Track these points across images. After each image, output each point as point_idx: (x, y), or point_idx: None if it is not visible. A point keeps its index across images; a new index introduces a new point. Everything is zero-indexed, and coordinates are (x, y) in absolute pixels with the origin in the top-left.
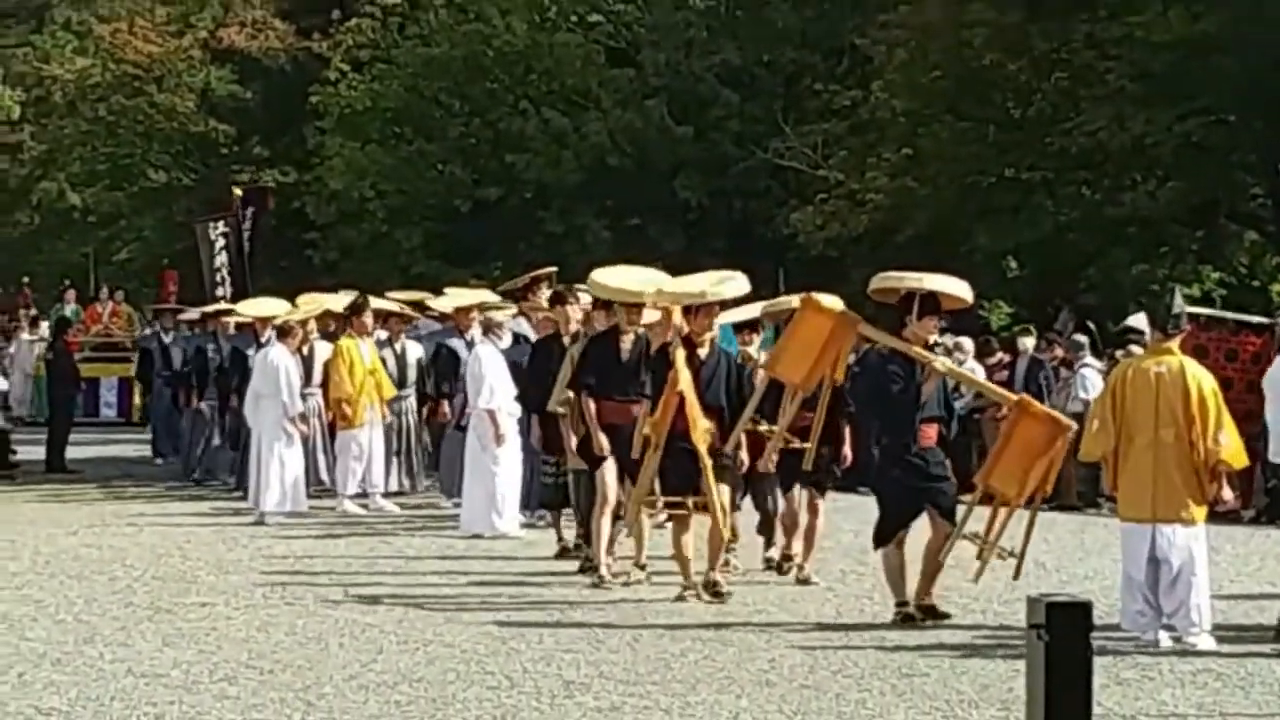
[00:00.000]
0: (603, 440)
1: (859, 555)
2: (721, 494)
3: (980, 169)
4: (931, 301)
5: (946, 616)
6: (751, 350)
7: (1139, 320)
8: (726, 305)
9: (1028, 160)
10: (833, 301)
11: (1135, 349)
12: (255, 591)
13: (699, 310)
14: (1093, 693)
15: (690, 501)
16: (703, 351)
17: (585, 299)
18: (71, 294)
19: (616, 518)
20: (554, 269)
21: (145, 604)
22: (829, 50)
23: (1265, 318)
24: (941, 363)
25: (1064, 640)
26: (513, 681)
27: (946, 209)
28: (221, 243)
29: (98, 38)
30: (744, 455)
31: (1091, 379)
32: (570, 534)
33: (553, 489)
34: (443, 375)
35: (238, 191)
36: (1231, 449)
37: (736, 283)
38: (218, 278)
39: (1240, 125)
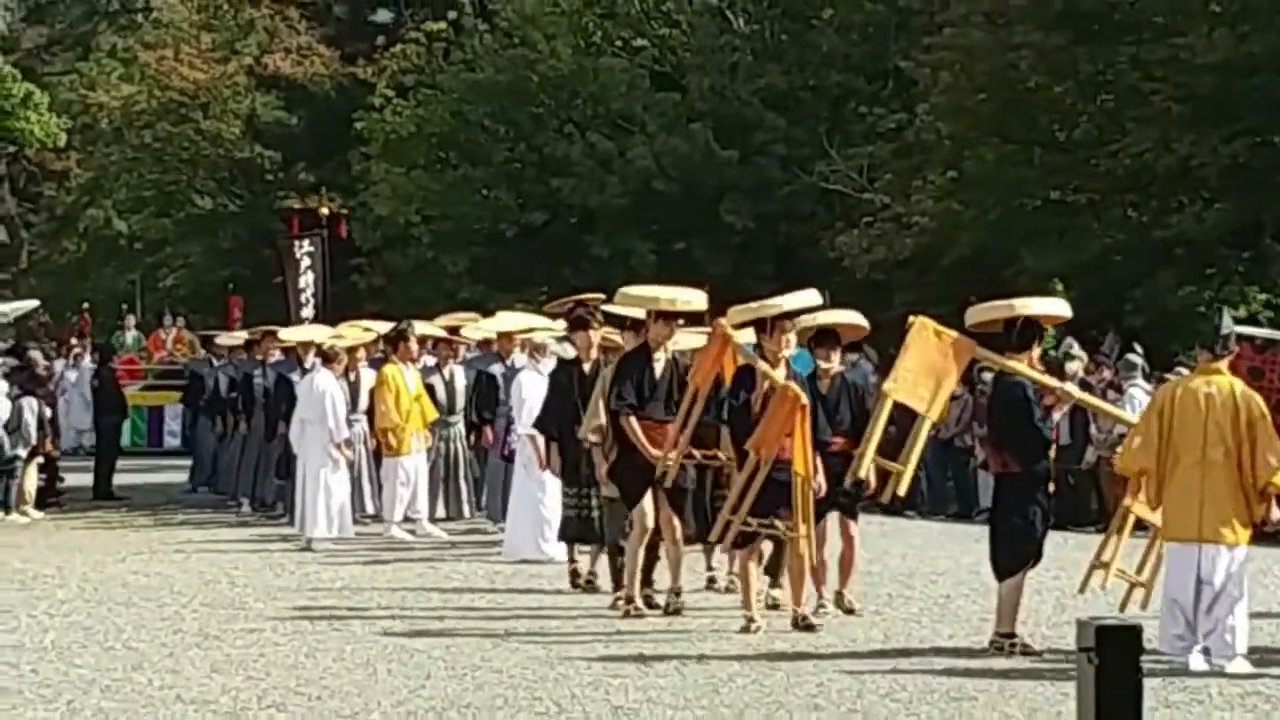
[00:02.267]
0: (657, 454)
1: (905, 579)
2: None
3: (1026, 191)
4: (1036, 326)
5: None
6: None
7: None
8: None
9: (1073, 183)
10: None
11: (1183, 370)
12: (303, 618)
13: (773, 327)
14: (1143, 716)
15: (782, 527)
16: (780, 372)
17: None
18: (131, 320)
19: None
20: (601, 295)
21: (193, 631)
22: (873, 73)
23: None
24: (1072, 389)
25: (1114, 663)
26: (561, 708)
27: (992, 232)
28: (307, 262)
29: (143, 65)
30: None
31: (1140, 400)
32: (585, 563)
33: (575, 521)
34: (484, 401)
35: (324, 210)
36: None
37: (807, 294)
38: (303, 298)
39: None
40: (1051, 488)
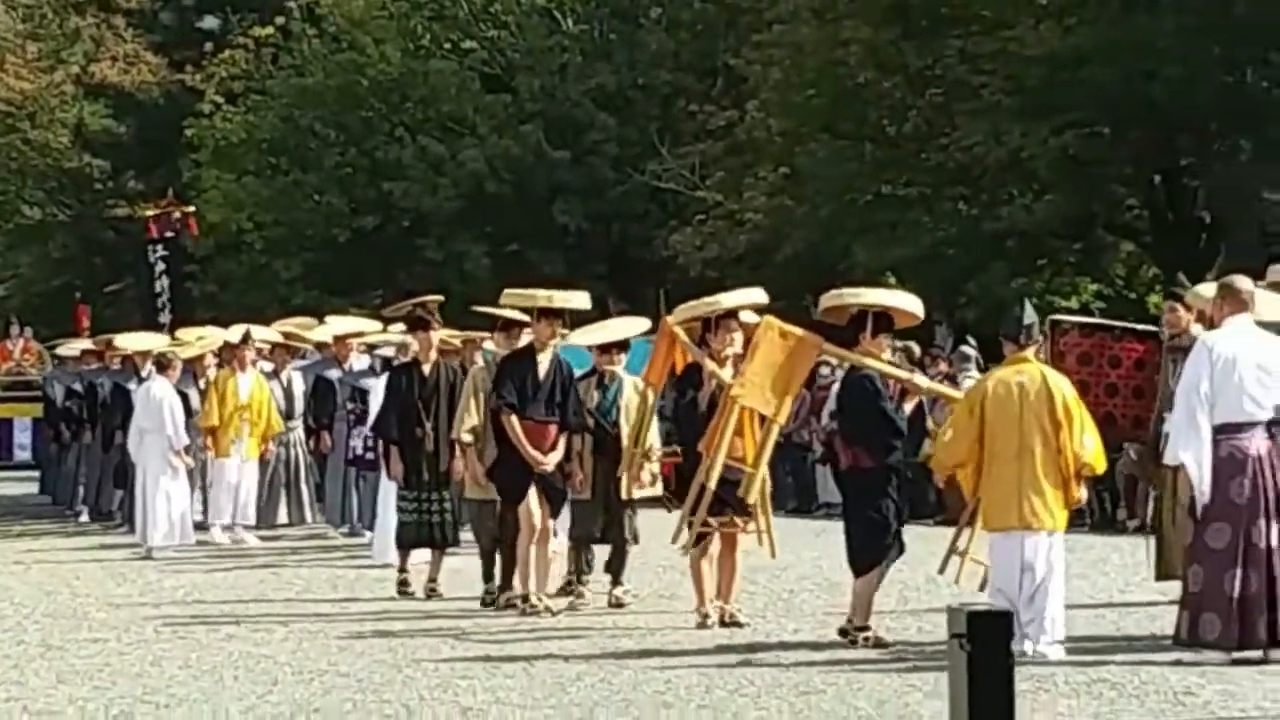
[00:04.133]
0: (538, 456)
1: (749, 575)
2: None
3: (857, 186)
4: (885, 319)
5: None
6: (619, 370)
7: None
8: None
9: (904, 177)
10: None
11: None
12: (146, 626)
13: (718, 325)
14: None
15: (740, 523)
16: (727, 371)
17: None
18: None
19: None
20: (439, 297)
21: (36, 641)
22: (703, 71)
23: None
24: (922, 380)
25: (986, 649)
26: (410, 710)
27: (825, 227)
28: (161, 266)
29: None
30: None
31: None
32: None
33: (413, 526)
34: (321, 406)
35: (190, 209)
36: (1094, 452)
37: (753, 293)
38: (159, 303)
39: (1115, 137)
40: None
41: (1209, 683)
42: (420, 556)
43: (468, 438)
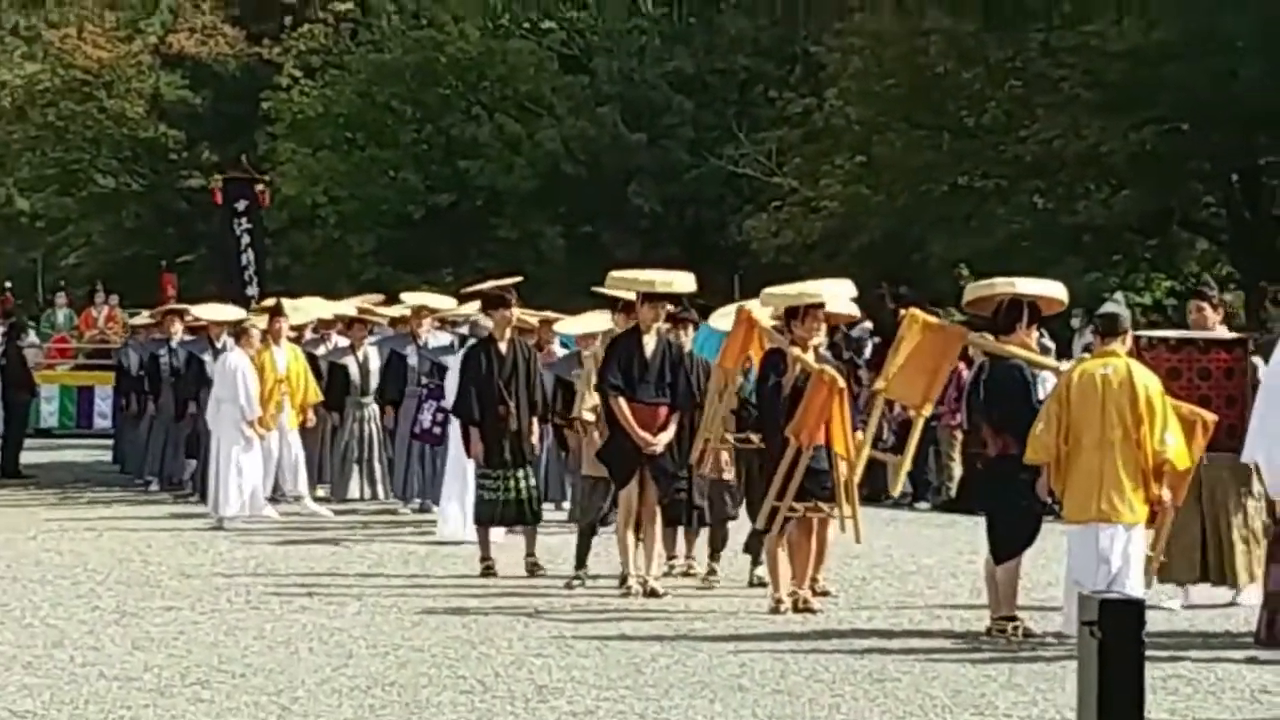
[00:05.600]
0: (647, 437)
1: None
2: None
3: (934, 177)
4: (1034, 308)
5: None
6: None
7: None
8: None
9: (981, 168)
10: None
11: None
12: (219, 596)
13: (805, 313)
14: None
15: (827, 509)
16: (810, 356)
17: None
18: (63, 297)
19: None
20: (518, 278)
21: (111, 608)
22: (782, 58)
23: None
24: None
25: (1118, 637)
26: (485, 686)
27: (900, 216)
28: (246, 239)
29: (47, 43)
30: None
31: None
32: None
33: (498, 505)
34: (393, 382)
35: (260, 185)
36: (1177, 449)
37: (843, 285)
38: (246, 275)
39: (1194, 134)
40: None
41: None
42: (495, 536)
43: (589, 416)
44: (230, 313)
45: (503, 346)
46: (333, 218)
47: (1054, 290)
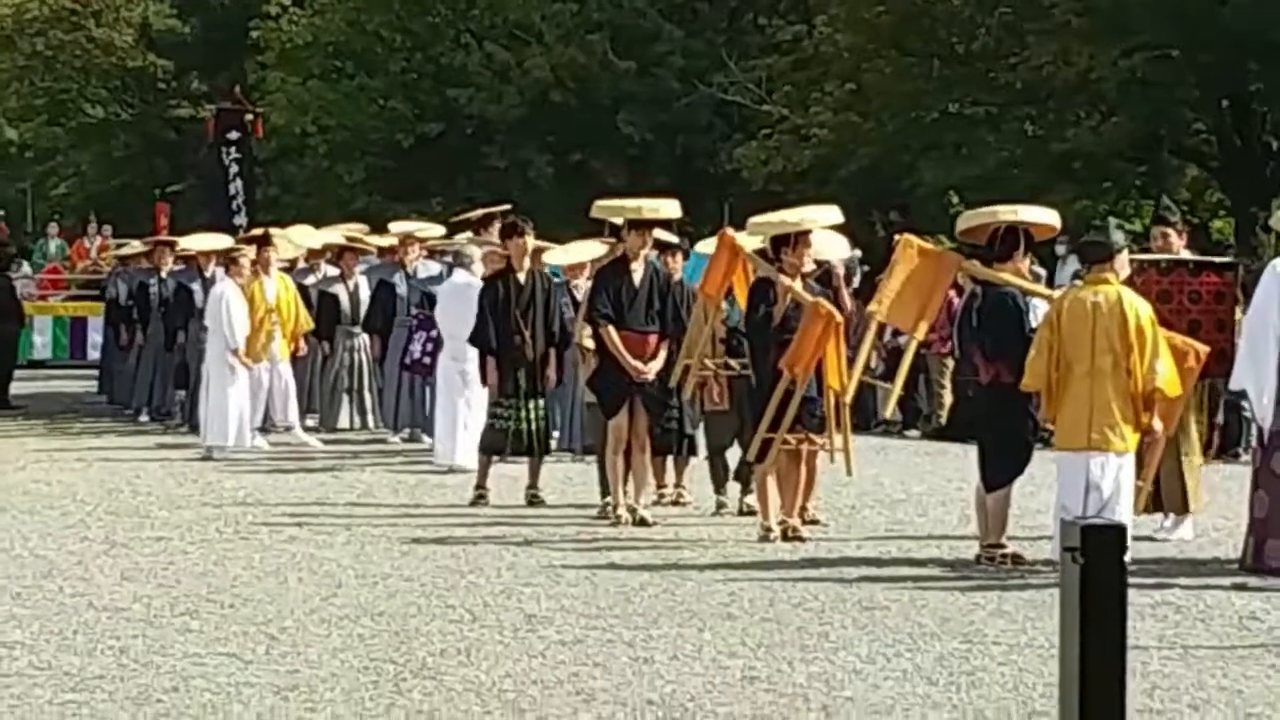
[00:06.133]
0: (638, 365)
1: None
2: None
3: (924, 104)
4: (1028, 235)
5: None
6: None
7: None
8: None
9: (971, 95)
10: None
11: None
12: (209, 526)
13: (797, 240)
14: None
15: (815, 439)
16: (798, 284)
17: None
18: (54, 228)
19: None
20: (507, 206)
21: (100, 539)
22: None
23: (1222, 257)
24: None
25: (1099, 563)
26: (474, 615)
27: (890, 144)
28: (235, 169)
29: None
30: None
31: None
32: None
33: (505, 434)
34: (382, 311)
35: (251, 116)
36: (1167, 377)
37: (830, 212)
38: (234, 205)
39: (1184, 60)
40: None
41: (1273, 608)
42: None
43: (590, 343)
44: (218, 242)
45: (521, 277)
46: (322, 147)
47: (1047, 216)
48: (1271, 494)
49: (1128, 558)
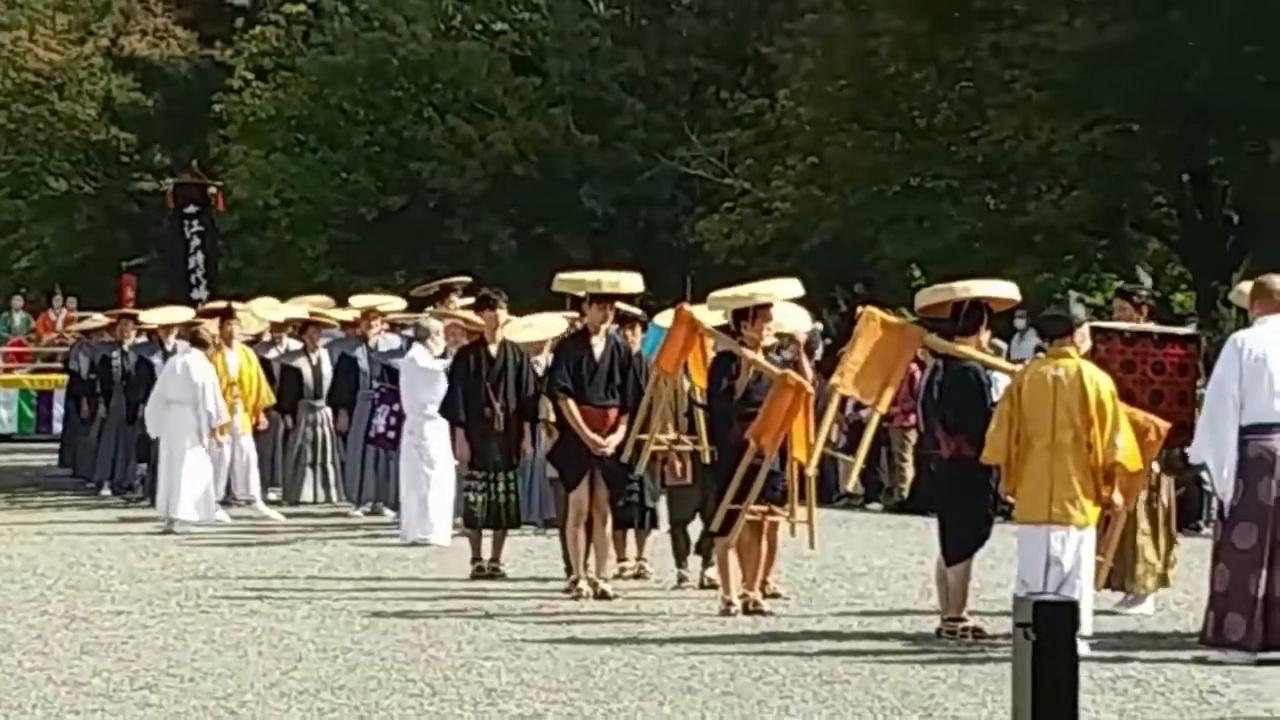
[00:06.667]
0: (597, 439)
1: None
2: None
3: (886, 178)
4: (989, 309)
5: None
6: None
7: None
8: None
9: (933, 169)
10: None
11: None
12: (170, 600)
13: (755, 314)
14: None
15: (778, 512)
16: (760, 356)
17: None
18: (19, 301)
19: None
20: (467, 279)
21: (60, 612)
22: (734, 59)
23: (1185, 328)
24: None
25: (1051, 639)
26: (435, 689)
27: (852, 218)
28: (197, 241)
29: None
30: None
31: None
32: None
33: (482, 506)
34: (343, 384)
35: (213, 189)
36: (1127, 451)
37: (790, 285)
38: (193, 279)
39: (1144, 134)
40: None
41: (1233, 682)
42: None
43: (551, 416)
44: (178, 315)
45: (493, 349)
46: (285, 220)
47: (1007, 290)
48: (1232, 567)
49: (1088, 631)
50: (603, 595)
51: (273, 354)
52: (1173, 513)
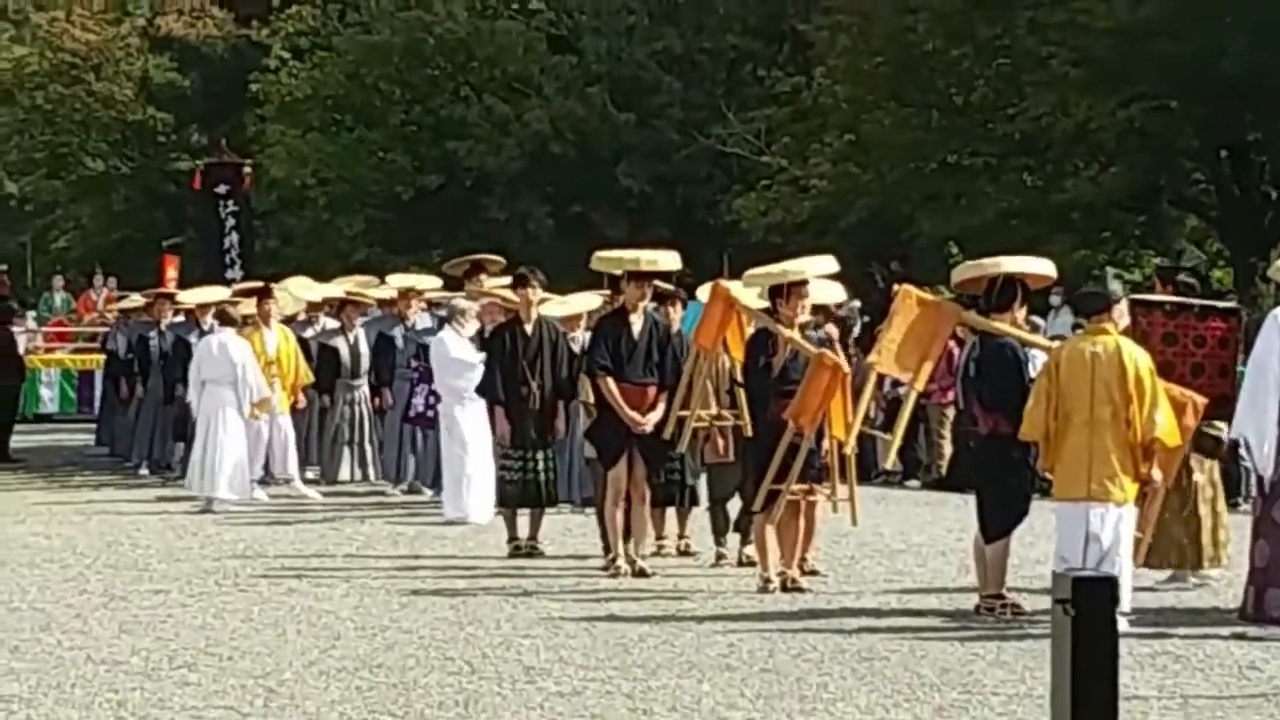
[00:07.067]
0: (636, 417)
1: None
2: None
3: (923, 155)
4: (1024, 286)
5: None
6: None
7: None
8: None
9: (970, 146)
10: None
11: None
12: (208, 579)
13: (790, 292)
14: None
15: (819, 490)
16: (797, 335)
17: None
18: (60, 281)
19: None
20: (499, 257)
21: (99, 592)
22: (770, 36)
23: (1226, 302)
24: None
25: (1091, 614)
26: (473, 667)
27: (889, 195)
28: (231, 222)
29: (35, 26)
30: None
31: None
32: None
33: (518, 485)
34: (382, 363)
35: (246, 162)
36: (1166, 427)
37: (824, 262)
38: (227, 259)
39: (1181, 111)
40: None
41: (1273, 658)
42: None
43: (592, 396)
44: (215, 294)
45: (528, 327)
46: (321, 199)
47: (1043, 267)
48: (1272, 543)
49: (1127, 607)
50: (641, 573)
51: (309, 333)
52: (1217, 490)
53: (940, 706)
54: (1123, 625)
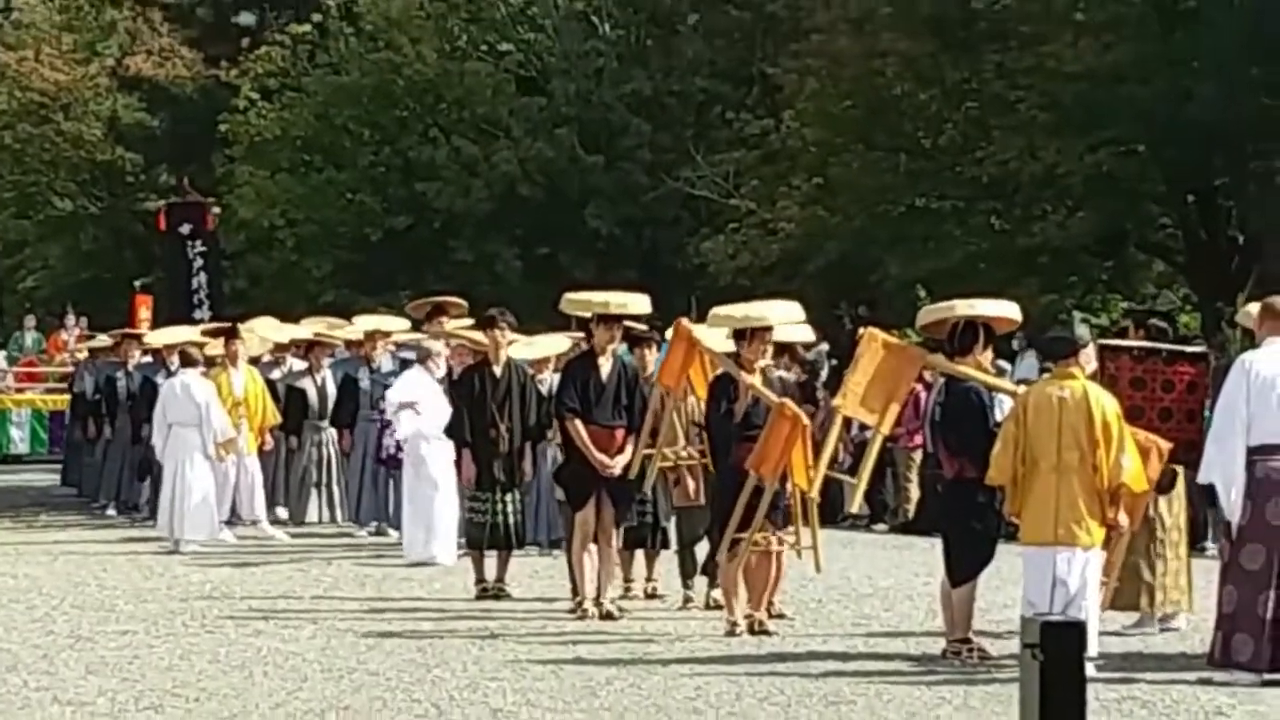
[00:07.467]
0: (605, 460)
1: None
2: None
3: (891, 198)
4: (989, 329)
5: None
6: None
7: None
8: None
9: (938, 189)
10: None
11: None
12: (175, 620)
13: (752, 336)
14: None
15: (781, 539)
16: (757, 379)
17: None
18: (31, 320)
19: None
20: (461, 300)
21: (65, 632)
22: (739, 79)
23: (1194, 347)
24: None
25: (1059, 659)
26: (440, 710)
27: (857, 238)
28: (199, 262)
29: (3, 65)
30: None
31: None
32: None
33: (485, 526)
34: (345, 405)
35: (209, 201)
36: (1133, 472)
37: (789, 308)
38: (195, 300)
39: (1149, 155)
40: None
41: (1239, 703)
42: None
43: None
44: (182, 335)
45: (497, 369)
46: (290, 240)
47: (1006, 310)
48: (1240, 588)
49: (1094, 652)
50: (608, 615)
51: (276, 374)
52: (1182, 535)
53: None
54: (1089, 670)
